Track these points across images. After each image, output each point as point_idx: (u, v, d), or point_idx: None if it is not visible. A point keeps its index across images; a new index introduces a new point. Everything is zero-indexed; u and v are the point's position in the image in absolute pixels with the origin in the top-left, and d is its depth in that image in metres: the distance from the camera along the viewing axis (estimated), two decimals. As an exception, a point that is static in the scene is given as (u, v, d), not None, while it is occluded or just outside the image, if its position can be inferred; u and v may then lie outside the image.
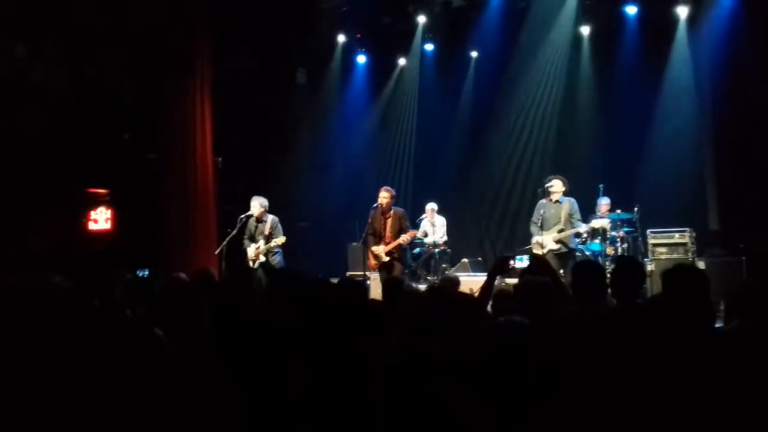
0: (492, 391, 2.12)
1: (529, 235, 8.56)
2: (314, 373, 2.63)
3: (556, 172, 8.70)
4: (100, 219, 9.45)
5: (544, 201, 8.36)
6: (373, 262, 8.33)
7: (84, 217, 9.38)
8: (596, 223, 8.42)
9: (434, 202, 10.49)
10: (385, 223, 8.20)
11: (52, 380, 3.23)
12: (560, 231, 8.17)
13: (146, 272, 7.99)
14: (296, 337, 2.93)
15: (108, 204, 9.46)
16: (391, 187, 8.55)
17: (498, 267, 4.13)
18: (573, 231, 8.16)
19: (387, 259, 8.12)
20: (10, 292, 4.59)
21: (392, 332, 2.83)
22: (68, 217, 9.09)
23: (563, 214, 8.18)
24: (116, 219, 9.42)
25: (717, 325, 3.32)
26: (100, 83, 9.34)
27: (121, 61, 9.41)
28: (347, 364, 2.59)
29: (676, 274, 3.09)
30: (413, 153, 12.26)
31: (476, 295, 3.85)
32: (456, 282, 5.56)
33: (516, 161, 11.50)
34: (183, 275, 5.35)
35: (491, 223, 11.84)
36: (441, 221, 10.34)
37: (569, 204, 8.24)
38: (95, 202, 9.46)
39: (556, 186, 8.23)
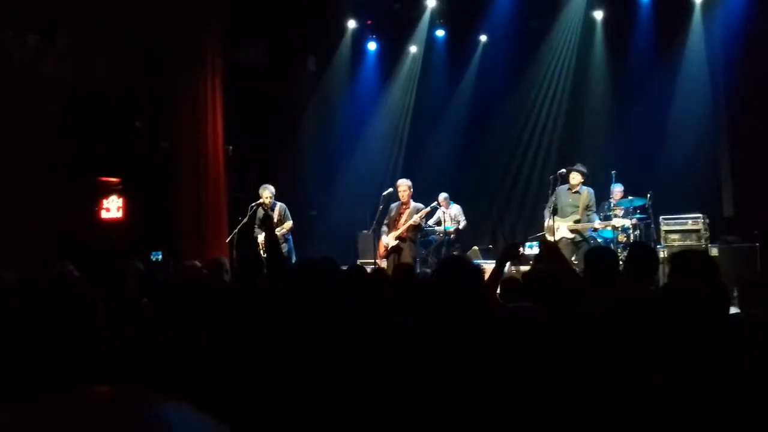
0: (505, 376, 2.11)
1: (541, 221, 8.55)
2: (327, 359, 2.63)
3: (568, 158, 8.68)
4: (112, 208, 9.51)
5: (562, 188, 8.34)
6: (382, 250, 8.33)
7: (96, 205, 9.44)
8: (617, 222, 8.35)
9: (445, 190, 10.43)
10: (400, 216, 8.18)
11: (65, 370, 3.25)
12: (576, 221, 8.15)
13: (159, 255, 8.07)
14: (310, 324, 2.93)
15: (120, 193, 9.52)
16: (404, 175, 8.51)
17: (507, 254, 4.09)
18: (590, 225, 8.15)
19: (395, 243, 8.11)
20: (23, 281, 4.63)
21: (405, 317, 2.83)
22: (80, 205, 9.15)
23: (581, 205, 8.17)
24: (128, 208, 9.47)
25: (732, 312, 3.29)
26: (112, 73, 9.37)
27: (132, 51, 9.43)
28: (360, 349, 2.59)
29: (684, 258, 3.07)
30: (424, 140, 12.20)
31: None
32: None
33: (528, 147, 11.45)
34: (198, 263, 5.38)
35: (502, 209, 11.80)
36: (457, 209, 10.27)
37: (588, 195, 8.23)
38: (107, 191, 9.52)
39: (576, 179, 8.20)
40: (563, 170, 8.34)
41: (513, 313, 2.40)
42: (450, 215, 10.03)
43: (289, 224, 8.48)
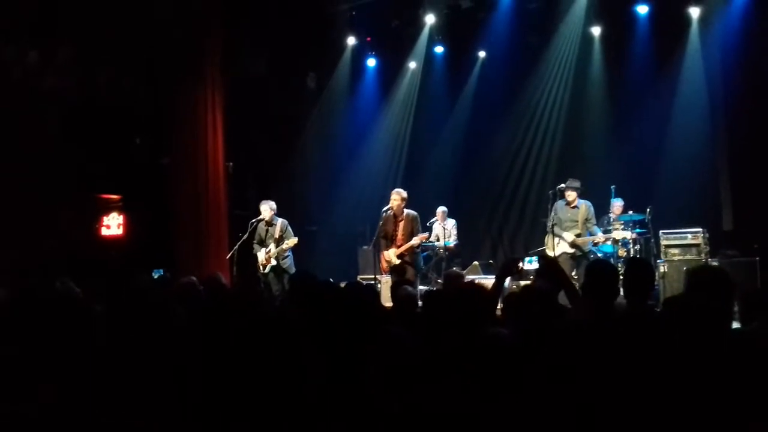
0: (496, 394, 2.11)
1: (541, 235, 8.60)
2: (323, 374, 2.62)
3: (568, 173, 8.72)
4: (113, 224, 9.52)
5: (560, 203, 8.38)
6: (384, 265, 8.30)
7: (96, 222, 9.45)
8: (618, 235, 8.37)
9: (445, 205, 10.48)
10: (396, 226, 8.16)
11: (64, 383, 3.25)
12: (577, 235, 8.19)
13: (161, 272, 8.07)
14: (308, 338, 2.93)
15: (120, 209, 9.53)
16: (403, 189, 8.50)
17: (506, 269, 4.10)
18: (589, 239, 8.18)
19: (398, 262, 8.08)
20: (22, 296, 4.63)
21: (400, 334, 2.82)
22: (81, 222, 9.16)
23: (580, 219, 8.21)
24: (128, 224, 9.48)
25: (734, 326, 3.28)
26: (112, 88, 9.41)
27: (132, 67, 9.48)
28: (355, 365, 2.59)
29: (700, 274, 3.07)
30: (424, 155, 12.23)
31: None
32: (460, 276, 5.58)
33: (526, 162, 11.47)
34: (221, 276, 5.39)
35: (501, 224, 11.82)
36: (451, 223, 10.34)
37: (586, 208, 8.28)
38: (107, 208, 9.54)
39: (572, 195, 8.27)
40: (562, 186, 8.39)
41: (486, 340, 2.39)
42: (446, 229, 10.08)
43: (292, 240, 8.43)
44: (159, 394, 3.06)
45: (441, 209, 10.35)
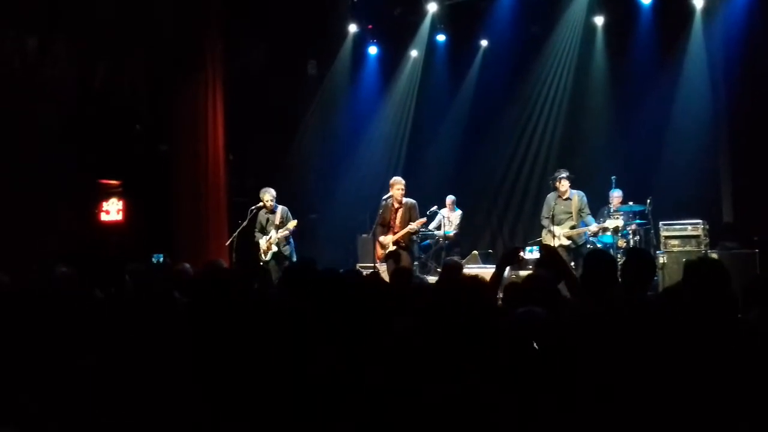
0: (508, 382, 2.11)
1: (540, 228, 8.62)
2: (324, 366, 2.63)
3: (570, 164, 8.73)
4: (112, 210, 9.51)
5: (553, 195, 8.41)
6: (380, 252, 8.31)
7: (96, 208, 9.45)
8: (611, 224, 8.39)
9: (445, 194, 10.49)
10: (395, 214, 8.17)
11: (64, 369, 3.25)
12: (572, 227, 8.22)
13: (161, 257, 8.09)
14: (309, 325, 2.93)
15: (120, 195, 9.53)
16: (403, 179, 8.50)
17: (507, 258, 4.11)
18: (583, 230, 8.23)
19: (393, 248, 8.10)
20: (24, 283, 4.64)
21: (401, 323, 2.82)
22: (80, 208, 9.16)
23: (574, 210, 8.25)
24: (128, 210, 9.48)
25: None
26: (113, 77, 9.39)
27: (133, 55, 9.46)
28: (358, 352, 2.59)
29: (699, 266, 3.07)
30: (424, 144, 12.21)
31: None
32: (459, 266, 5.61)
33: (527, 152, 11.45)
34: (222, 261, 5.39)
35: (502, 213, 11.82)
36: (457, 214, 10.40)
37: (578, 198, 8.32)
38: (107, 194, 9.53)
39: (565, 185, 8.28)
40: (560, 174, 8.41)
41: (520, 317, 2.39)
42: (450, 219, 10.10)
43: (293, 223, 8.46)
44: (158, 381, 3.07)
45: (450, 198, 10.41)
